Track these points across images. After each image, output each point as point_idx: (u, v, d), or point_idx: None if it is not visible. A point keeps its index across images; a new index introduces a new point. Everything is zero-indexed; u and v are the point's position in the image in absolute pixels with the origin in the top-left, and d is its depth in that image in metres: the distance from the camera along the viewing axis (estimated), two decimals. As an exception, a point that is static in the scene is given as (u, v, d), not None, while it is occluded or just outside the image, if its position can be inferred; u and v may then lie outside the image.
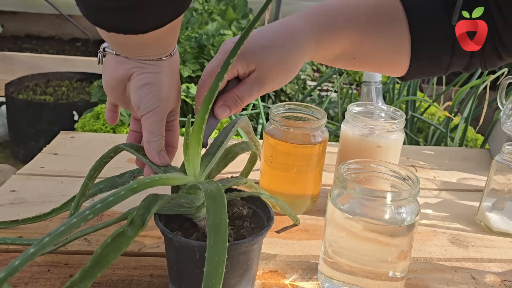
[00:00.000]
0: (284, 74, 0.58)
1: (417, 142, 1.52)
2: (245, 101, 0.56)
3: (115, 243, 0.44)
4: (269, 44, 0.56)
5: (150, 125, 0.54)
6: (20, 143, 2.39)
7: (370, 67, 0.66)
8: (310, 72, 2.12)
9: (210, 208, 0.45)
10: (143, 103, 0.54)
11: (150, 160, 0.55)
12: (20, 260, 0.38)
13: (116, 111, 0.63)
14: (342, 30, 0.59)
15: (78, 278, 0.42)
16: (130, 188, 0.44)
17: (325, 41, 0.59)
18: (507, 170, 0.72)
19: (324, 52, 0.60)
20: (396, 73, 0.64)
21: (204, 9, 2.04)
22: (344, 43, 0.60)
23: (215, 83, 0.49)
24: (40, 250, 0.39)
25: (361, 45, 0.60)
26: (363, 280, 0.55)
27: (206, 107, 0.49)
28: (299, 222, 0.72)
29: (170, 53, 0.54)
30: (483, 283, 0.62)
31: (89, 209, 0.42)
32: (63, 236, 0.40)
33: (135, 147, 0.57)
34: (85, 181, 0.57)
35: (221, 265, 0.40)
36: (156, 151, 0.55)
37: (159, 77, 0.54)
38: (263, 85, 0.56)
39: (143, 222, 0.46)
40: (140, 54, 0.53)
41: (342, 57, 0.62)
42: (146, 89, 0.53)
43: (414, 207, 0.54)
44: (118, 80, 0.55)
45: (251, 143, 0.69)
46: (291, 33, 0.57)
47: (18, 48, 3.14)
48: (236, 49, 0.48)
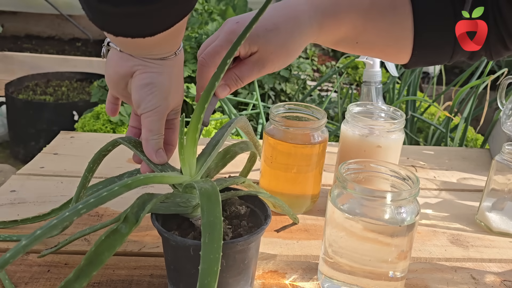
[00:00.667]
0: (285, 57, 0.59)
1: (417, 142, 1.53)
2: (244, 81, 0.58)
3: (109, 241, 0.44)
4: (273, 28, 0.57)
5: (150, 124, 0.54)
6: (20, 143, 2.39)
7: (373, 52, 0.66)
8: (310, 72, 2.12)
9: (204, 207, 0.45)
10: (143, 103, 0.54)
11: (147, 157, 0.55)
12: (11, 252, 0.37)
13: (116, 104, 0.62)
14: (345, 14, 0.59)
15: (73, 277, 0.42)
16: (124, 184, 0.44)
17: (327, 25, 0.60)
18: (507, 170, 0.72)
19: (327, 36, 0.61)
20: (400, 60, 0.63)
21: (204, 9, 2.04)
22: (346, 28, 0.60)
23: (211, 84, 0.49)
24: (32, 242, 0.38)
25: (364, 30, 0.60)
26: (363, 280, 0.55)
27: (202, 107, 0.50)
28: (298, 221, 0.72)
29: (175, 52, 0.54)
30: (483, 283, 0.62)
31: (83, 203, 0.41)
32: (56, 229, 0.40)
33: (133, 142, 0.57)
34: (85, 173, 0.57)
35: (216, 263, 0.40)
36: (154, 149, 0.55)
37: (162, 77, 0.54)
38: (263, 67, 0.58)
39: (136, 219, 0.46)
40: (144, 53, 0.53)
41: (344, 41, 0.62)
42: (147, 89, 0.53)
43: (414, 207, 0.54)
44: (121, 76, 0.55)
45: (250, 143, 0.69)
46: (295, 17, 0.58)
47: (18, 48, 3.14)
48: (233, 50, 0.48)
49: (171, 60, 0.54)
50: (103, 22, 0.45)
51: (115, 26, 0.46)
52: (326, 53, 3.17)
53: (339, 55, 3.09)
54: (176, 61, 0.55)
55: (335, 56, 3.13)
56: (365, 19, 0.60)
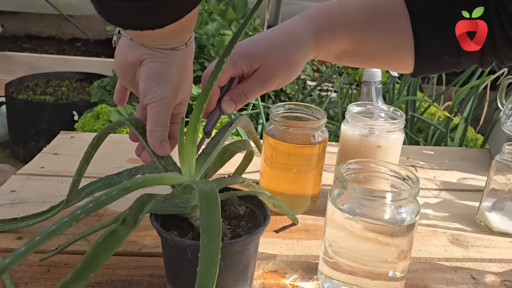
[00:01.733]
0: (286, 72, 0.60)
1: (417, 142, 1.52)
2: (249, 96, 0.59)
3: (107, 243, 0.44)
4: (271, 44, 0.59)
5: (155, 115, 0.54)
6: (20, 143, 2.39)
7: (376, 63, 0.66)
8: (310, 72, 2.12)
9: (203, 208, 0.44)
10: (150, 93, 0.53)
11: (151, 148, 0.55)
12: (10, 258, 0.37)
13: (125, 94, 0.62)
14: (341, 28, 0.60)
15: (70, 279, 0.41)
16: (123, 187, 0.44)
17: (324, 40, 0.60)
18: (507, 170, 0.72)
19: (326, 50, 0.61)
20: (404, 69, 0.63)
21: (204, 9, 2.04)
22: (344, 41, 0.60)
23: (209, 83, 0.49)
24: (31, 248, 0.38)
25: (363, 43, 0.60)
26: (363, 280, 0.55)
27: (201, 107, 0.50)
28: (297, 222, 0.72)
29: (186, 42, 0.54)
30: (483, 283, 0.62)
31: (81, 209, 0.41)
32: (55, 235, 0.40)
33: (140, 128, 0.57)
34: (88, 149, 0.57)
35: (215, 265, 0.40)
36: (158, 140, 0.55)
37: (171, 68, 0.53)
38: (266, 82, 0.59)
39: (135, 221, 0.46)
40: (154, 43, 0.52)
41: (345, 55, 0.62)
42: (155, 79, 0.53)
43: (414, 207, 0.54)
44: (129, 64, 0.54)
45: (248, 142, 0.69)
46: (292, 32, 0.60)
47: (18, 48, 3.14)
48: (229, 49, 0.49)
49: (181, 51, 0.54)
50: (111, 16, 0.45)
51: (124, 19, 0.45)
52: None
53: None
54: (186, 52, 0.54)
55: (335, 56, 3.13)
56: (362, 31, 0.60)
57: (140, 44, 0.53)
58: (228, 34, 1.89)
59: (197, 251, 0.41)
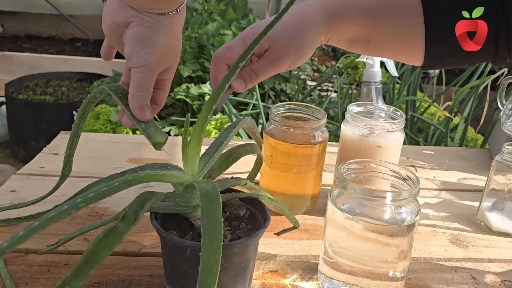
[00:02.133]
0: (297, 52, 0.60)
1: (417, 142, 1.53)
2: (259, 76, 0.59)
3: (107, 239, 0.44)
4: (282, 24, 0.59)
5: (138, 80, 0.53)
6: (20, 143, 2.39)
7: (386, 52, 0.65)
8: (310, 72, 2.13)
9: (204, 208, 0.44)
10: (135, 57, 0.52)
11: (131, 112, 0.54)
12: (9, 242, 0.38)
13: (111, 51, 0.61)
14: (352, 13, 0.60)
15: (70, 276, 0.41)
16: (125, 180, 0.44)
17: (336, 23, 0.60)
18: (507, 170, 0.72)
19: (337, 35, 0.61)
20: (414, 60, 0.62)
21: (204, 9, 2.04)
22: (355, 27, 0.60)
23: (221, 85, 0.48)
24: (29, 233, 0.38)
25: (374, 29, 0.60)
26: (363, 280, 0.55)
27: (210, 108, 0.49)
28: (298, 225, 0.72)
29: (176, 8, 0.53)
30: (483, 283, 0.62)
31: (82, 197, 0.41)
32: (54, 221, 0.40)
33: (120, 93, 0.56)
34: (76, 121, 0.57)
35: (216, 265, 0.40)
36: (139, 105, 0.54)
37: (157, 33, 0.52)
38: (276, 61, 0.59)
39: (135, 218, 0.46)
40: (144, 7, 0.51)
41: (356, 41, 0.62)
42: (140, 43, 0.52)
43: (414, 207, 0.54)
44: (116, 25, 0.53)
45: (256, 145, 0.68)
46: (304, 14, 0.60)
47: (18, 48, 3.14)
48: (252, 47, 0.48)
49: (169, 17, 0.53)
50: None
51: None
52: (326, 53, 3.17)
53: (339, 55, 3.09)
54: (175, 18, 0.54)
55: (335, 56, 3.13)
56: (373, 17, 0.60)
57: (128, 5, 0.52)
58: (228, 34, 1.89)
59: (197, 251, 0.41)
